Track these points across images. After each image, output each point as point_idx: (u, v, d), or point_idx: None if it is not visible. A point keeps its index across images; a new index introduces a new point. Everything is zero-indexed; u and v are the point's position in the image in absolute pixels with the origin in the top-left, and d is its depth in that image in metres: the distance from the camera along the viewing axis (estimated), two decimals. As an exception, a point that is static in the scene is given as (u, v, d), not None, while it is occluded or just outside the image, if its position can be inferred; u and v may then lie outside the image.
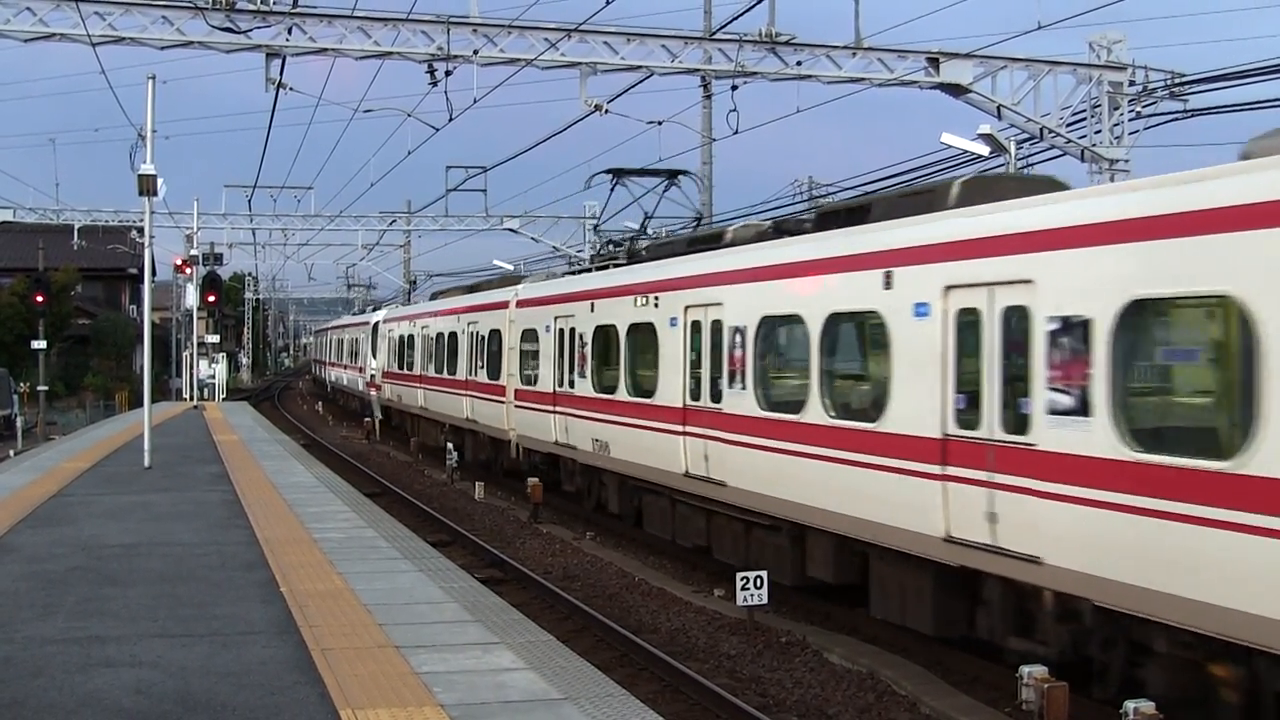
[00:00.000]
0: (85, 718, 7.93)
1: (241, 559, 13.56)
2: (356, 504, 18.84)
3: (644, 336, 20.24)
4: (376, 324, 49.21)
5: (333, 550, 14.18)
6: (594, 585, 18.23)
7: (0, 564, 13.16)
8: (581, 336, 22.91)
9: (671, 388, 18.83)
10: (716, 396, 17.33)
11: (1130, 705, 9.62)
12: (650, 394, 19.70)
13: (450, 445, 32.72)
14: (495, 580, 17.50)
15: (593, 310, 22.59)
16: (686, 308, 18.48)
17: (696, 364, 18.13)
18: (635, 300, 20.55)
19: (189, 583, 12.24)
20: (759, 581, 14.82)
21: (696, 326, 18.15)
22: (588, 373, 22.68)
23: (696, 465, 17.91)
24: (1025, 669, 10.65)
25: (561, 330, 24.06)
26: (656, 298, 19.73)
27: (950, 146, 26.74)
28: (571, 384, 23.42)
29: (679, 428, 18.45)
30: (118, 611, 10.95)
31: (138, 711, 8.05)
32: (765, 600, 14.92)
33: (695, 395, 18.00)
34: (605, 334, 21.99)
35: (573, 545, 21.40)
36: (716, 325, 17.45)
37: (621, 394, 20.99)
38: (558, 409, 24.13)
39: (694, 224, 27.71)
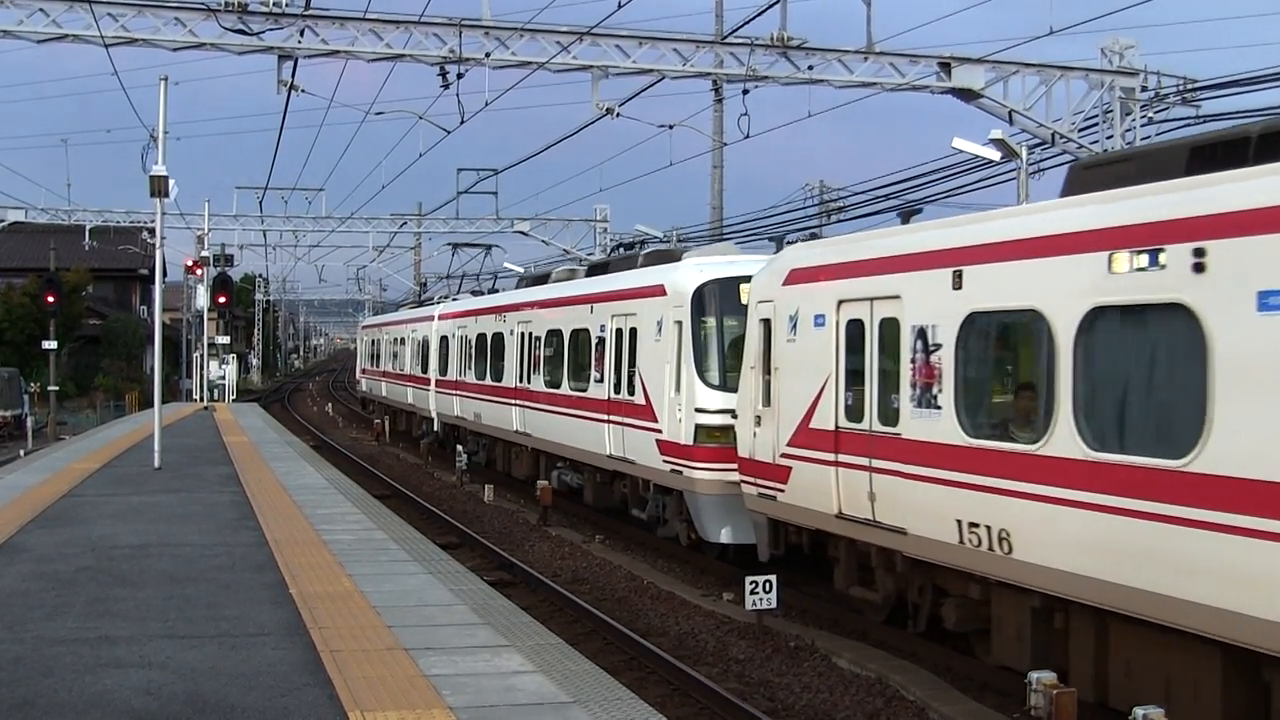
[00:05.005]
0: (95, 718, 7.94)
1: (251, 560, 13.57)
2: (366, 506, 18.86)
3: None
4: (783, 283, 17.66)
5: (342, 552, 14.19)
6: (603, 588, 18.22)
7: (10, 564, 13.19)
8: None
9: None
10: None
11: (1139, 711, 9.58)
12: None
13: (460, 447, 32.37)
14: (504, 583, 17.49)
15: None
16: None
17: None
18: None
19: (198, 584, 12.26)
20: (768, 586, 14.79)
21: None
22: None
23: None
24: (1034, 675, 10.58)
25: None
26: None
27: (961, 151, 26.73)
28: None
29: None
30: (127, 612, 10.96)
31: (147, 712, 8.06)
32: (774, 604, 14.89)
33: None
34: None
35: (582, 548, 21.39)
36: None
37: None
38: None
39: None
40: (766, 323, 16.22)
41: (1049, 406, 11.05)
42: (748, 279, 17.85)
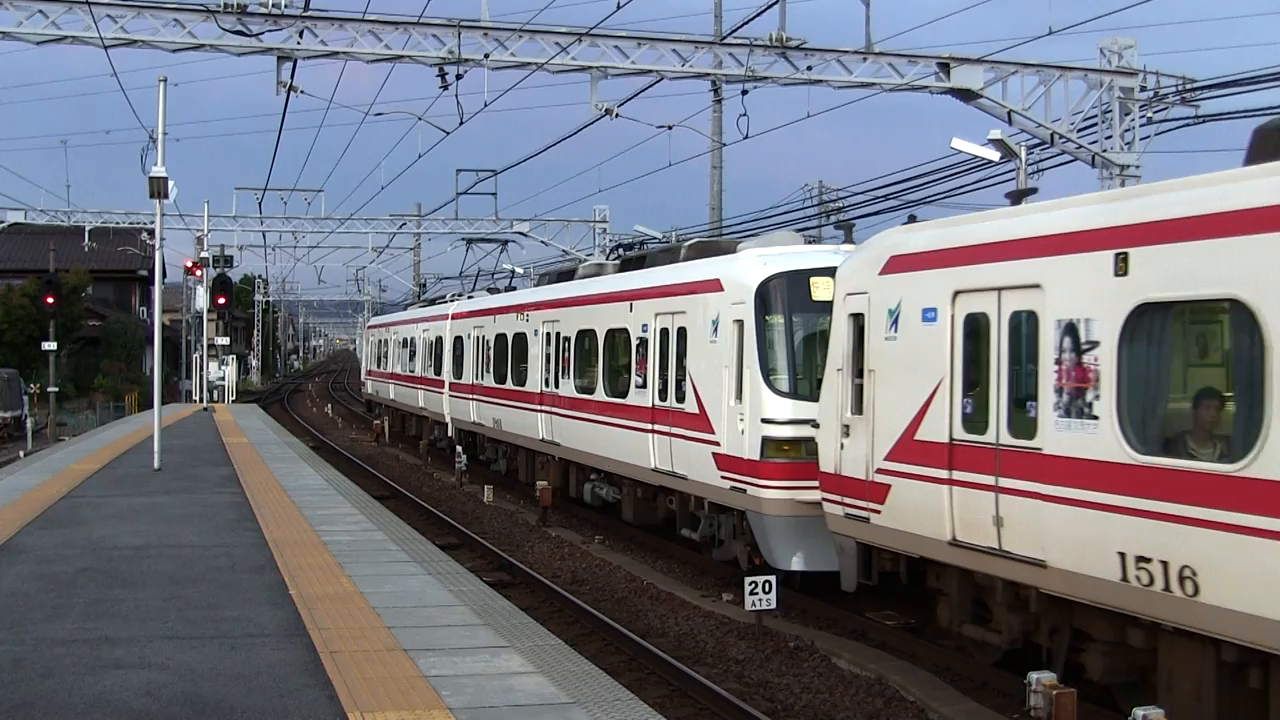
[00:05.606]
0: (95, 719, 7.95)
1: (251, 561, 13.57)
2: (365, 506, 18.86)
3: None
4: None
5: (342, 553, 14.19)
6: (602, 589, 18.22)
7: (10, 565, 13.19)
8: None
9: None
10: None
11: (1139, 712, 9.57)
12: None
13: (459, 448, 32.38)
14: (504, 584, 17.50)
15: None
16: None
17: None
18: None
19: (198, 585, 12.26)
20: (767, 586, 14.79)
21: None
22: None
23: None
24: (1034, 675, 10.57)
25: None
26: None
27: (961, 151, 26.73)
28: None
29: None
30: (127, 613, 10.97)
31: (147, 713, 8.06)
32: (774, 605, 14.89)
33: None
34: None
35: (581, 549, 21.40)
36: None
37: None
38: None
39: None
40: (858, 318, 13.91)
41: (1255, 419, 9.03)
42: (820, 271, 16.23)
